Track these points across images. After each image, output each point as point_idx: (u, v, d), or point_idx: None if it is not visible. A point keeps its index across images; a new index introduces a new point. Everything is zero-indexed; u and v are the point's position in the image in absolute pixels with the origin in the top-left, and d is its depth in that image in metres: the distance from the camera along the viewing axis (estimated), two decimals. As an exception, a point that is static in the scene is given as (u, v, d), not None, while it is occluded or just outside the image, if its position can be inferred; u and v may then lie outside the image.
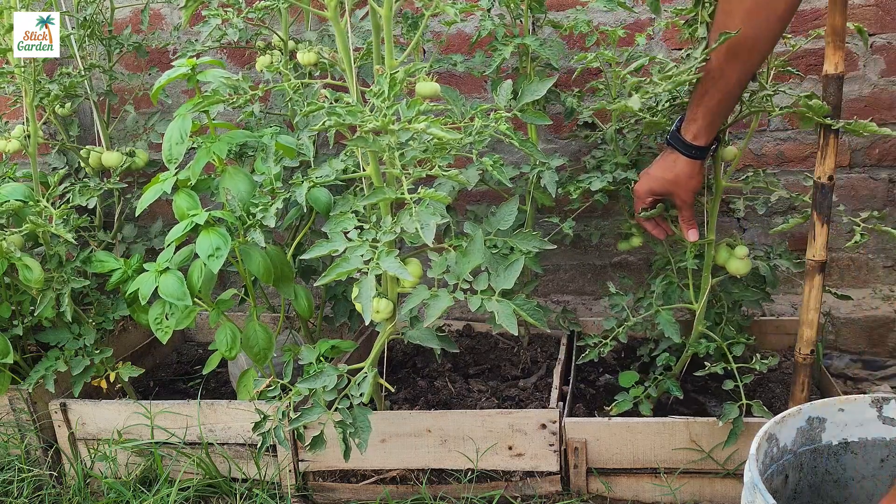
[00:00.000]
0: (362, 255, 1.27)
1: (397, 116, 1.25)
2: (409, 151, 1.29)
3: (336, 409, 1.39)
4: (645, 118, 1.43)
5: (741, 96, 1.34)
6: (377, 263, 1.25)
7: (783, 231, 1.54)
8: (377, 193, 1.30)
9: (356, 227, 1.33)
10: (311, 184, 1.44)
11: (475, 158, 1.40)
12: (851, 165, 2.00)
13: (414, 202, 1.24)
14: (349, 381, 1.41)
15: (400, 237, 1.28)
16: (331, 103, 1.22)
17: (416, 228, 1.20)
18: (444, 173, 1.28)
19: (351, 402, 1.39)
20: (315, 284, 1.32)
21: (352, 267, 1.26)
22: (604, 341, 1.58)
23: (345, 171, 1.44)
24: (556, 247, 1.51)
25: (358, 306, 1.36)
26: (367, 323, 1.29)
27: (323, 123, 1.19)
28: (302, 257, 1.39)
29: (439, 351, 1.70)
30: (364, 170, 1.44)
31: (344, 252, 1.29)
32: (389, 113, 1.20)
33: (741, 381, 1.49)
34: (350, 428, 1.38)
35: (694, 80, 1.30)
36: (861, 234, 1.40)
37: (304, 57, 1.68)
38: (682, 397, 1.60)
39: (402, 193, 1.26)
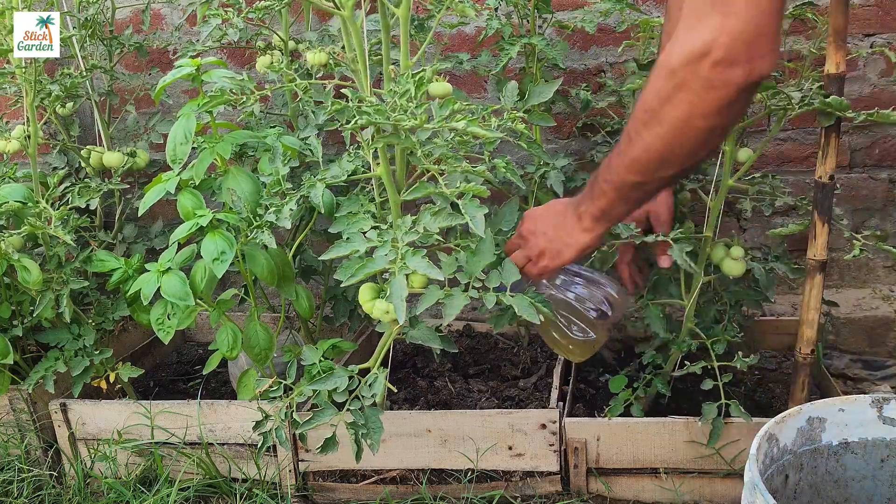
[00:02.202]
0: (386, 255, 1.27)
1: (429, 115, 1.26)
2: (436, 149, 1.29)
3: (348, 411, 1.39)
4: None
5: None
6: (404, 263, 1.25)
7: (781, 235, 1.54)
8: (420, 188, 1.32)
9: (373, 228, 1.33)
10: (325, 184, 1.43)
11: (486, 159, 1.40)
12: (851, 165, 2.01)
13: (456, 196, 1.25)
14: (359, 382, 1.41)
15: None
16: (357, 104, 1.22)
17: (467, 222, 1.23)
18: (472, 169, 1.28)
19: (362, 404, 1.39)
20: (343, 285, 1.31)
21: (378, 267, 1.26)
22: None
23: (354, 171, 1.44)
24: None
25: (366, 307, 1.35)
26: (400, 322, 1.27)
27: (355, 122, 1.19)
28: (322, 258, 1.38)
29: (438, 351, 1.70)
30: (374, 170, 1.44)
31: (366, 252, 1.30)
32: (419, 112, 1.21)
33: (721, 381, 1.48)
34: (363, 429, 1.38)
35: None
36: (860, 250, 1.40)
37: (315, 57, 1.67)
38: (668, 394, 1.59)
39: (441, 190, 1.27)
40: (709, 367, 1.50)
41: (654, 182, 1.15)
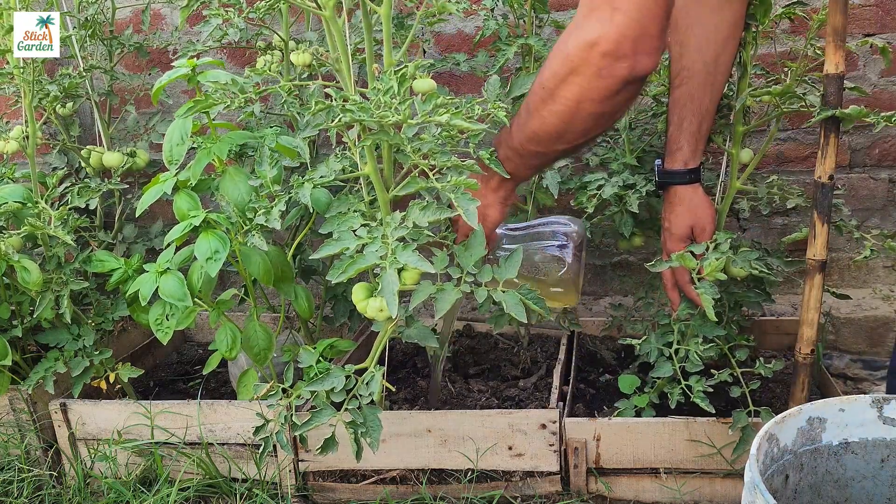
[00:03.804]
0: (376, 251, 1.27)
1: (413, 111, 1.26)
2: (423, 145, 1.29)
3: (346, 410, 1.39)
4: None
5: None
6: (395, 258, 1.25)
7: (795, 241, 1.54)
8: (412, 183, 1.32)
9: (363, 225, 1.33)
10: (314, 185, 1.44)
11: (472, 151, 1.40)
12: (851, 165, 2.00)
13: (449, 190, 1.25)
14: (356, 381, 1.41)
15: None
16: (342, 102, 1.22)
17: (461, 214, 1.23)
18: (462, 164, 1.29)
19: (360, 403, 1.39)
20: (333, 282, 1.31)
21: (368, 263, 1.27)
22: None
23: (342, 171, 1.44)
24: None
25: (360, 307, 1.36)
26: (393, 316, 1.28)
27: (339, 121, 1.19)
28: (312, 257, 1.39)
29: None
30: (362, 169, 1.44)
31: (357, 250, 1.29)
32: (403, 108, 1.21)
33: (748, 388, 1.48)
34: (361, 428, 1.37)
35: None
36: (871, 250, 1.40)
37: (299, 58, 1.68)
38: (683, 402, 1.59)
39: (433, 183, 1.27)
40: (734, 374, 1.50)
41: (552, 153, 1.25)
